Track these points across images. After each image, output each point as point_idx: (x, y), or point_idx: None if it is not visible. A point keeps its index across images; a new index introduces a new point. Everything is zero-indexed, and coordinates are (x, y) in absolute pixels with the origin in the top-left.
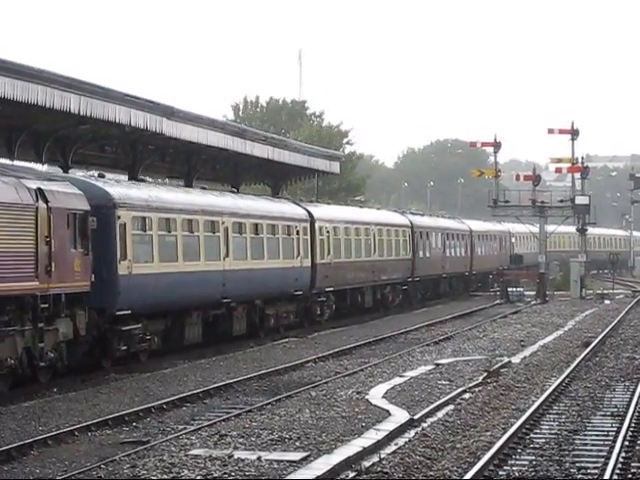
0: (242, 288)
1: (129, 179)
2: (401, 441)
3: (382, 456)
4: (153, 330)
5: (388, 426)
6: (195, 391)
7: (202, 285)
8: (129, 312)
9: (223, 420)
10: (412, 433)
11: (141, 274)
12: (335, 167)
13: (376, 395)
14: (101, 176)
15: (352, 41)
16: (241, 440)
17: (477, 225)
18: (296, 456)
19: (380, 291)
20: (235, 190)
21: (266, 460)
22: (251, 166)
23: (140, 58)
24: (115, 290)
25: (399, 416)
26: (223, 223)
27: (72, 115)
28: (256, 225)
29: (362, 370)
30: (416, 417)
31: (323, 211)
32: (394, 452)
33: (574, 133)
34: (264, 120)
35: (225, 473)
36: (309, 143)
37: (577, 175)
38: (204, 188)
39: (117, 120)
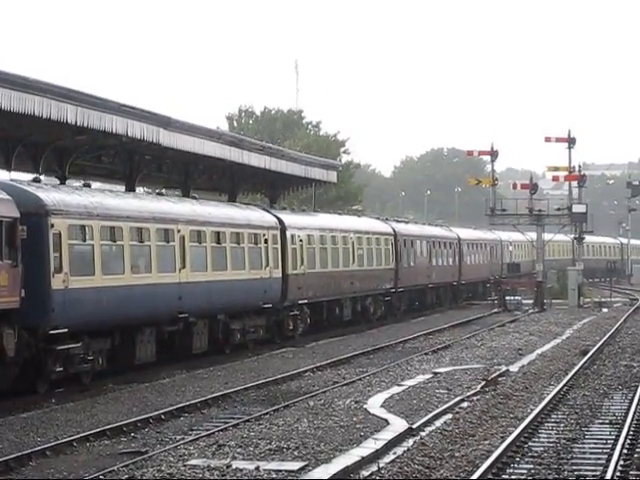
0: (201, 302)
1: (126, 190)
2: (400, 450)
3: (381, 465)
4: (97, 349)
5: (387, 435)
6: (193, 401)
7: (154, 299)
8: (65, 330)
9: (221, 430)
10: (411, 442)
11: (79, 288)
12: (332, 176)
13: (374, 404)
14: (36, 180)
15: (349, 50)
16: (239, 450)
17: (466, 233)
18: (294, 466)
19: (361, 303)
20: (195, 197)
21: (264, 470)
22: (248, 176)
23: (135, 69)
24: (48, 306)
25: (397, 425)
26: (179, 231)
27: (69, 126)
28: (218, 233)
29: (360, 379)
30: (415, 426)
31: (295, 218)
32: (393, 461)
33: (571, 141)
34: (259, 130)
35: None
36: (306, 152)
37: (574, 183)
38: (160, 194)
39: (114, 130)
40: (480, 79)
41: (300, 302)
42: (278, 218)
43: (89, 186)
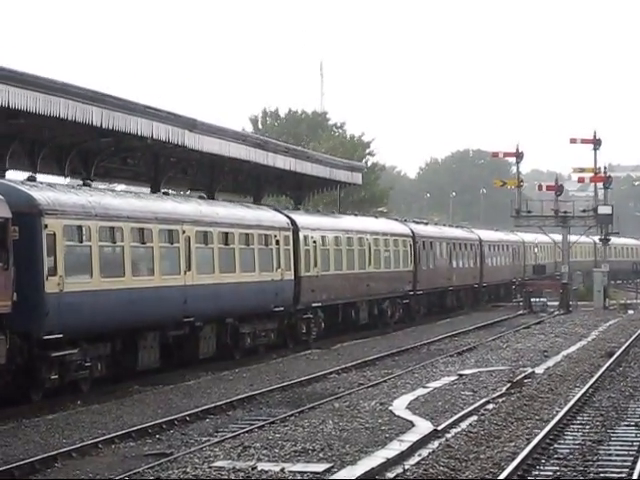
0: (208, 305)
1: (151, 192)
2: (425, 452)
3: (406, 467)
4: (95, 355)
5: (412, 437)
6: (218, 403)
7: (157, 303)
8: (60, 336)
9: (246, 432)
10: (436, 444)
11: (76, 292)
12: (357, 178)
13: (399, 406)
14: (31, 179)
15: (373, 52)
16: (264, 452)
17: (487, 234)
18: (319, 467)
19: (377, 306)
20: (207, 196)
21: (289, 472)
22: (273, 178)
23: (160, 71)
24: (42, 311)
25: (423, 427)
26: (184, 232)
27: (94, 128)
28: (226, 234)
29: (385, 381)
30: (440, 428)
31: (309, 219)
32: (418, 463)
33: (596, 143)
34: (283, 132)
35: None
36: (332, 155)
37: (600, 185)
38: (166, 193)
39: (139, 133)
40: (506, 80)
41: (314, 305)
42: (290, 219)
43: (89, 185)
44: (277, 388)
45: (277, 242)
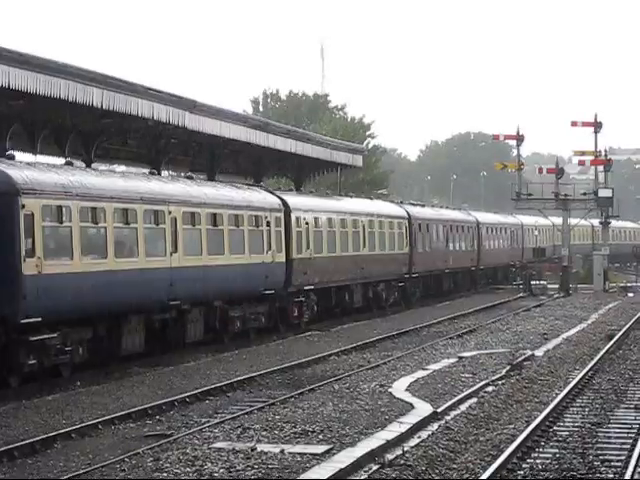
0: (195, 288)
1: (150, 173)
2: (424, 434)
3: (405, 449)
4: (76, 340)
5: (411, 419)
6: (218, 384)
7: (142, 285)
8: (39, 320)
9: (246, 413)
10: (435, 426)
11: (55, 274)
12: (358, 160)
13: (399, 388)
14: (9, 157)
15: (374, 34)
16: (264, 433)
17: (485, 217)
18: (319, 449)
19: (372, 289)
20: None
21: (289, 453)
22: (273, 160)
23: (161, 52)
24: (18, 294)
25: (422, 409)
26: (170, 213)
27: (95, 109)
28: (214, 215)
29: (385, 363)
30: (439, 410)
31: (301, 200)
32: (417, 445)
33: (597, 126)
34: (284, 114)
35: (248, 466)
36: (333, 137)
37: (600, 168)
38: (152, 173)
39: (140, 114)
40: (507, 62)
41: (306, 288)
42: (282, 200)
43: (71, 164)
44: (277, 370)
45: (268, 223)
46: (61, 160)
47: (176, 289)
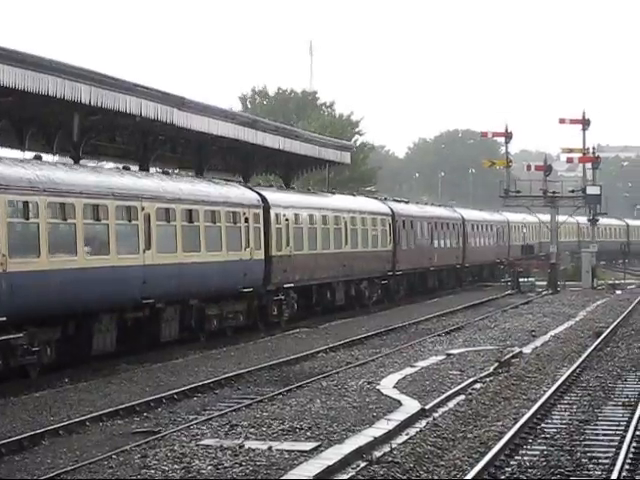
0: (169, 286)
1: (140, 170)
2: (412, 431)
3: (393, 446)
4: (44, 340)
5: (399, 416)
6: (206, 381)
7: (113, 283)
8: (4, 319)
9: (234, 410)
10: (423, 423)
11: (21, 272)
12: (346, 157)
13: (387, 385)
14: None
15: (363, 31)
16: (252, 430)
17: (470, 214)
18: (307, 446)
19: (354, 287)
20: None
21: (277, 450)
22: (262, 157)
23: (147, 48)
24: None
25: (410, 406)
26: (143, 209)
27: (83, 105)
28: (190, 211)
29: (373, 360)
30: (427, 407)
31: (281, 196)
32: (405, 442)
33: (585, 123)
34: (272, 111)
35: (236, 463)
36: (322, 133)
37: (588, 165)
38: (126, 168)
39: (128, 111)
40: (495, 60)
41: (286, 286)
42: (261, 196)
43: (40, 158)
44: (265, 367)
45: (246, 220)
46: (50, 157)
47: (149, 287)
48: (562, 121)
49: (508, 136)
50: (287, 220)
